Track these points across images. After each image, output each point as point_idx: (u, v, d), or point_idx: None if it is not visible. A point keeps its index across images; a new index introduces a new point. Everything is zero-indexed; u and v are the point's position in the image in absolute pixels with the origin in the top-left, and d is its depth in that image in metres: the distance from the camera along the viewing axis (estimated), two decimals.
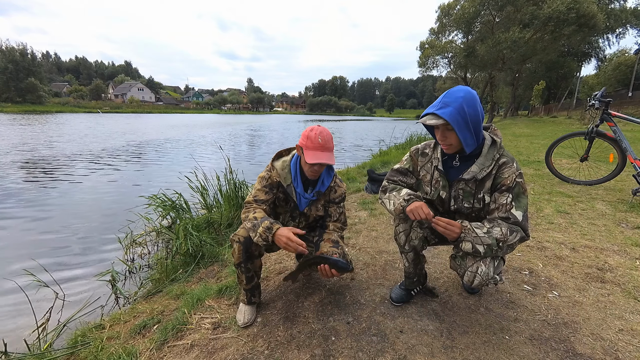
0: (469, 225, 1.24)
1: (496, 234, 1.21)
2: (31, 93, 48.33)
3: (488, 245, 1.21)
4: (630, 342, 1.36)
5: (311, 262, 1.48)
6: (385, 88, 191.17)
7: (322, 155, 1.42)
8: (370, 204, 3.47)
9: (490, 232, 1.21)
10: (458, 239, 1.25)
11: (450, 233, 1.24)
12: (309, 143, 1.43)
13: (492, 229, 1.23)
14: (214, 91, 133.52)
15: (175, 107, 79.23)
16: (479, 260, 1.29)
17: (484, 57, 25.55)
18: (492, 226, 1.24)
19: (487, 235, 1.21)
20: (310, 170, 1.49)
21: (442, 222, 1.25)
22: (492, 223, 1.25)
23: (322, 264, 1.43)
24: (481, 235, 1.21)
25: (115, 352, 1.44)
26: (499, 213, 1.28)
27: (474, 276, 1.28)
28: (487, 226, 1.24)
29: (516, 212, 1.24)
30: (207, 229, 2.98)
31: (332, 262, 1.43)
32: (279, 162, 1.59)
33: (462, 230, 1.24)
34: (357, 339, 1.44)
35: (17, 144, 10.17)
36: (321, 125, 1.52)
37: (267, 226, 1.39)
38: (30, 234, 3.48)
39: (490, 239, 1.20)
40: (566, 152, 4.76)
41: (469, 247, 1.24)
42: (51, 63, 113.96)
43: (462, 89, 1.22)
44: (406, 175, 1.55)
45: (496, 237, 1.20)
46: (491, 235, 1.21)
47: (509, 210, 1.25)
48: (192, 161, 7.45)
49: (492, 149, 1.31)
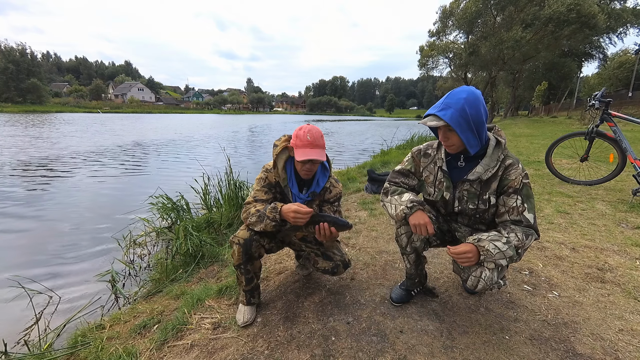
0: (487, 246, 1.17)
1: (514, 241, 1.18)
2: (32, 93, 48.38)
3: (510, 257, 1.18)
4: (630, 342, 1.36)
5: (309, 222, 1.41)
6: (385, 88, 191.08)
7: (311, 152, 1.41)
8: (370, 204, 3.47)
9: (509, 240, 1.18)
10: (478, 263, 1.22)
11: (468, 262, 1.20)
12: (298, 142, 1.43)
13: (509, 236, 1.20)
14: (214, 91, 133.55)
15: (175, 107, 79.21)
16: (483, 265, 1.26)
17: (485, 56, 25.54)
18: (508, 232, 1.21)
19: (507, 247, 1.17)
20: (303, 169, 1.49)
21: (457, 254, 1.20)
22: (507, 229, 1.23)
23: (320, 223, 1.39)
24: (502, 248, 1.17)
25: (115, 352, 1.44)
26: (510, 216, 1.26)
27: (477, 281, 1.25)
28: (504, 235, 1.21)
29: (528, 215, 1.24)
30: (207, 229, 2.98)
31: (331, 219, 1.40)
32: (280, 162, 1.57)
33: (481, 253, 1.19)
34: (357, 339, 1.44)
35: (18, 144, 10.18)
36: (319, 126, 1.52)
37: (272, 207, 1.41)
38: (30, 234, 3.48)
39: (510, 249, 1.17)
40: (566, 152, 4.76)
41: (492, 267, 1.21)
42: (51, 63, 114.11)
43: (465, 90, 1.20)
44: (408, 176, 1.53)
45: (515, 245, 1.18)
46: (510, 245, 1.17)
47: (522, 213, 1.24)
48: (192, 161, 7.46)
49: (496, 149, 1.30)
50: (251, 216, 1.46)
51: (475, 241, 1.21)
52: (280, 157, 1.55)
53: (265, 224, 1.42)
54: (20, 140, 11.33)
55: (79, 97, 63.63)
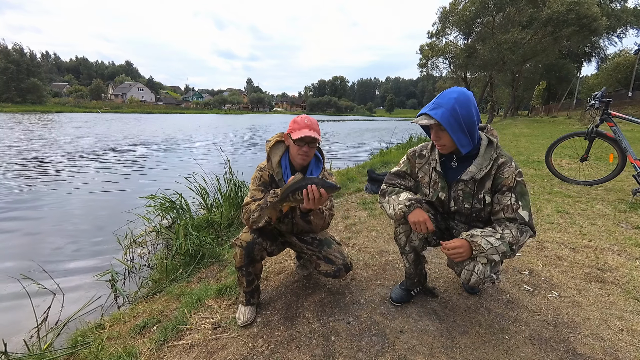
0: (479, 241, 1.20)
1: (508, 237, 1.20)
2: (32, 93, 48.34)
3: (503, 252, 1.19)
4: (630, 342, 1.36)
5: (296, 187, 1.37)
6: (385, 88, 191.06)
7: (308, 132, 1.46)
8: (370, 204, 3.47)
9: (503, 236, 1.20)
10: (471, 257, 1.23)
11: (459, 257, 1.22)
12: (295, 126, 1.49)
13: (503, 232, 1.21)
14: (214, 91, 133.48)
15: (175, 107, 79.19)
16: (476, 259, 1.28)
17: (484, 58, 25.56)
18: (503, 229, 1.22)
19: (501, 242, 1.19)
20: (299, 153, 1.50)
21: (449, 249, 1.23)
22: (502, 225, 1.25)
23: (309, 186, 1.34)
24: (495, 243, 1.19)
25: (115, 352, 1.44)
26: (505, 214, 1.27)
27: (470, 274, 1.27)
28: (499, 231, 1.22)
29: (523, 212, 1.25)
30: (207, 229, 2.98)
31: (319, 180, 1.36)
32: (275, 156, 1.60)
33: (473, 248, 1.21)
34: (357, 339, 1.43)
35: (16, 144, 10.18)
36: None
37: (272, 192, 1.44)
38: (30, 234, 3.48)
39: (504, 245, 1.19)
40: (566, 152, 4.76)
41: (484, 262, 1.23)
42: (51, 63, 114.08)
43: (455, 90, 1.23)
44: (404, 178, 1.55)
45: (509, 241, 1.19)
46: (505, 241, 1.19)
47: (516, 211, 1.25)
48: (192, 160, 7.46)
49: (489, 148, 1.32)
50: (252, 213, 1.48)
51: (468, 237, 1.23)
52: (274, 151, 1.60)
53: (269, 211, 1.44)
54: (22, 139, 11.33)
55: (79, 97, 63.61)
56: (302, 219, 1.56)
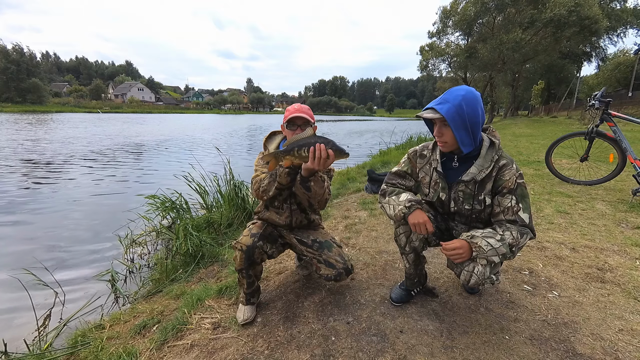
0: (479, 242, 1.19)
1: (508, 239, 1.20)
2: (32, 93, 48.32)
3: (503, 254, 1.19)
4: (630, 342, 1.36)
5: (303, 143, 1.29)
6: (385, 88, 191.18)
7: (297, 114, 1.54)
8: (370, 204, 3.46)
9: (504, 238, 1.20)
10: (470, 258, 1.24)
11: (459, 258, 1.22)
12: (287, 113, 1.59)
13: (504, 234, 1.21)
14: (214, 91, 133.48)
15: (175, 107, 79.20)
16: (475, 260, 1.28)
17: (484, 58, 25.57)
18: (503, 231, 1.22)
19: (501, 244, 1.18)
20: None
21: (448, 249, 1.23)
22: (502, 227, 1.24)
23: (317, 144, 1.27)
24: (495, 245, 1.18)
25: (115, 352, 1.44)
26: (505, 216, 1.27)
27: (470, 275, 1.27)
28: (499, 232, 1.22)
29: (523, 215, 1.24)
30: (207, 229, 2.98)
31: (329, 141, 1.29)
32: (272, 144, 1.67)
33: (473, 249, 1.21)
34: (357, 339, 1.43)
35: (16, 143, 10.18)
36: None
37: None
38: (30, 234, 3.47)
39: (504, 246, 1.18)
40: (566, 152, 4.76)
41: (484, 263, 1.23)
42: (51, 63, 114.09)
43: (464, 88, 1.22)
44: (404, 178, 1.55)
45: (509, 243, 1.19)
46: (505, 242, 1.19)
47: (517, 213, 1.25)
48: (192, 160, 7.44)
49: (490, 150, 1.31)
50: (262, 181, 1.53)
51: (469, 238, 1.23)
52: (269, 140, 1.70)
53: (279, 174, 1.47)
54: (22, 139, 11.33)
55: (79, 97, 63.64)
56: (301, 184, 1.48)
